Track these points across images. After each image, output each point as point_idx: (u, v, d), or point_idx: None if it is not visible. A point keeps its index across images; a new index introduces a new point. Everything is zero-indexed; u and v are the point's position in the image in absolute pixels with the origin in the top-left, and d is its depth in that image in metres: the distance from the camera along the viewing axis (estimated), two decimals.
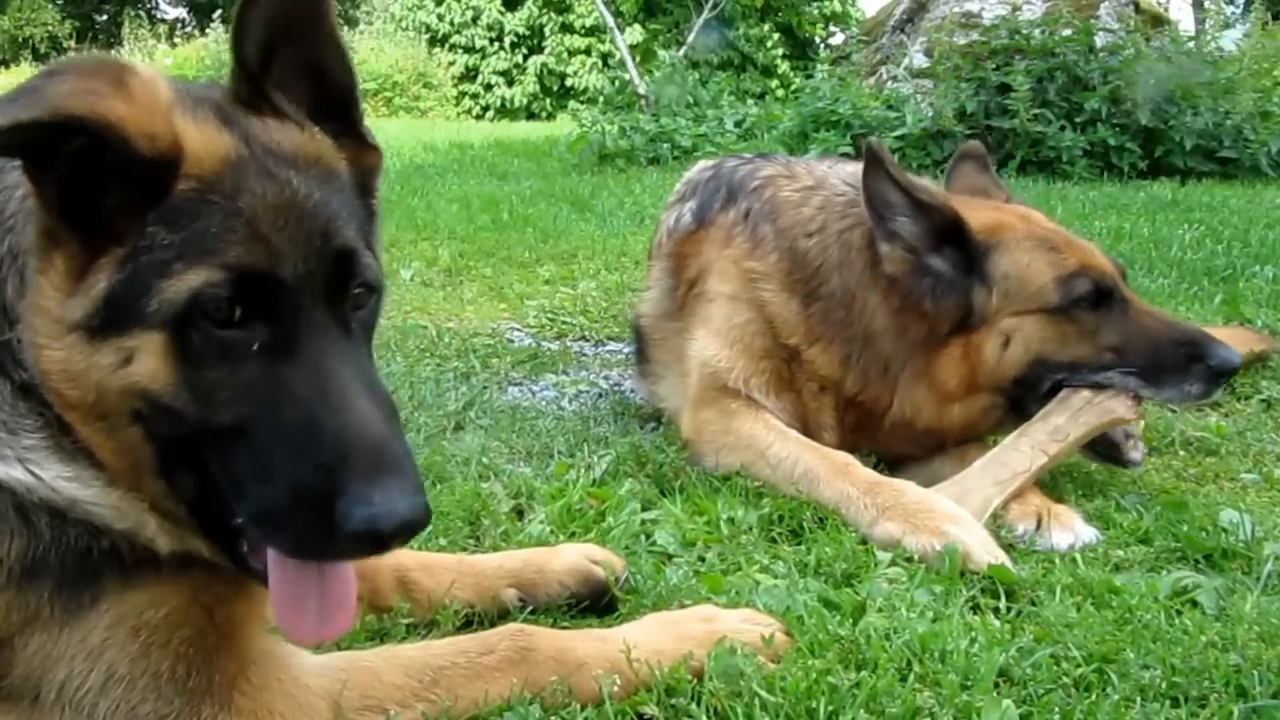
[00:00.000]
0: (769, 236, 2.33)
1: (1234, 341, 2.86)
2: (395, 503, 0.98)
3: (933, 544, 1.78)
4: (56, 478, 1.08)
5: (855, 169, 2.49)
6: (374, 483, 0.98)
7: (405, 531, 1.00)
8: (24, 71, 21.32)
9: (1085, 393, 2.00)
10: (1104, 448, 2.07)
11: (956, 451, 2.19)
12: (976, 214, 2.16)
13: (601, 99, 11.82)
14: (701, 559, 1.81)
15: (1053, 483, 2.14)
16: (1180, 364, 1.99)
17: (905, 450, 2.25)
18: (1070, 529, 1.89)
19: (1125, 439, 2.08)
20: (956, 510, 1.87)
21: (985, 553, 1.74)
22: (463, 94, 20.93)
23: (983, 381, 2.09)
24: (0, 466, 1.08)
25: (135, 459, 1.08)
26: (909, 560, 1.78)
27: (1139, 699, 1.33)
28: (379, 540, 0.99)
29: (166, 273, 1.00)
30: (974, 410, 2.13)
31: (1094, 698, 1.32)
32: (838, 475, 2.01)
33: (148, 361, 1.02)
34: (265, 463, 1.01)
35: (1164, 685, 1.34)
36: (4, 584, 1.07)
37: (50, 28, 26.87)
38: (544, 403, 2.86)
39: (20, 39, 26.38)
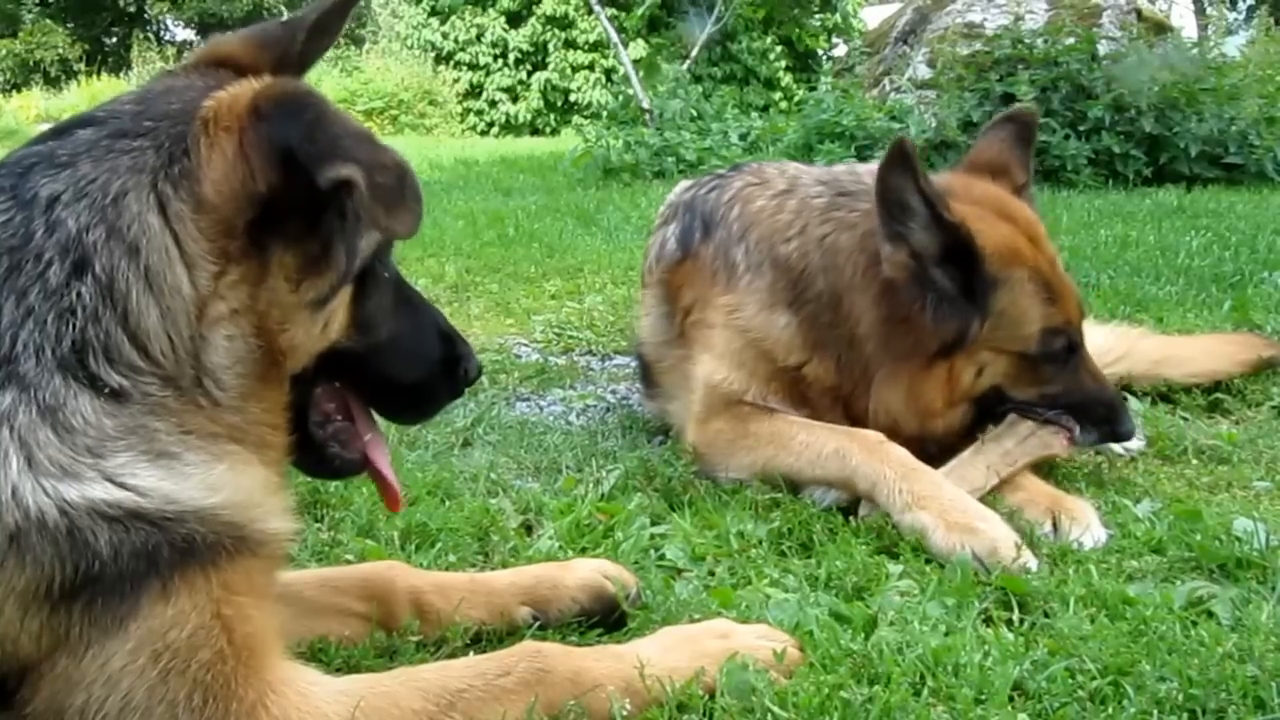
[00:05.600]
0: (738, 260, 2.34)
1: (1243, 348, 2.89)
2: (476, 358, 1.53)
3: (962, 542, 1.80)
4: (154, 482, 1.11)
5: (823, 170, 2.51)
6: (469, 348, 1.51)
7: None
8: (35, 95, 21.50)
9: (1031, 423, 2.15)
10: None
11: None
12: (991, 230, 2.11)
13: (605, 114, 11.85)
14: (711, 573, 1.81)
15: (1065, 488, 2.13)
16: (1095, 419, 2.19)
17: None
18: (1085, 525, 1.92)
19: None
20: (986, 510, 1.90)
21: (1014, 552, 1.77)
22: (467, 110, 21.01)
23: (957, 400, 2.17)
24: (74, 489, 1.07)
25: (282, 416, 1.27)
26: (920, 572, 1.77)
27: (1156, 712, 1.31)
28: (478, 379, 1.55)
29: (359, 234, 1.29)
30: (955, 421, 2.19)
31: (1110, 711, 1.31)
32: (871, 454, 2.03)
33: (340, 313, 1.28)
34: (412, 356, 1.42)
35: (1181, 698, 1.33)
36: (38, 609, 1.06)
37: (61, 50, 27.04)
38: (551, 418, 2.87)
39: (31, 62, 26.58)
